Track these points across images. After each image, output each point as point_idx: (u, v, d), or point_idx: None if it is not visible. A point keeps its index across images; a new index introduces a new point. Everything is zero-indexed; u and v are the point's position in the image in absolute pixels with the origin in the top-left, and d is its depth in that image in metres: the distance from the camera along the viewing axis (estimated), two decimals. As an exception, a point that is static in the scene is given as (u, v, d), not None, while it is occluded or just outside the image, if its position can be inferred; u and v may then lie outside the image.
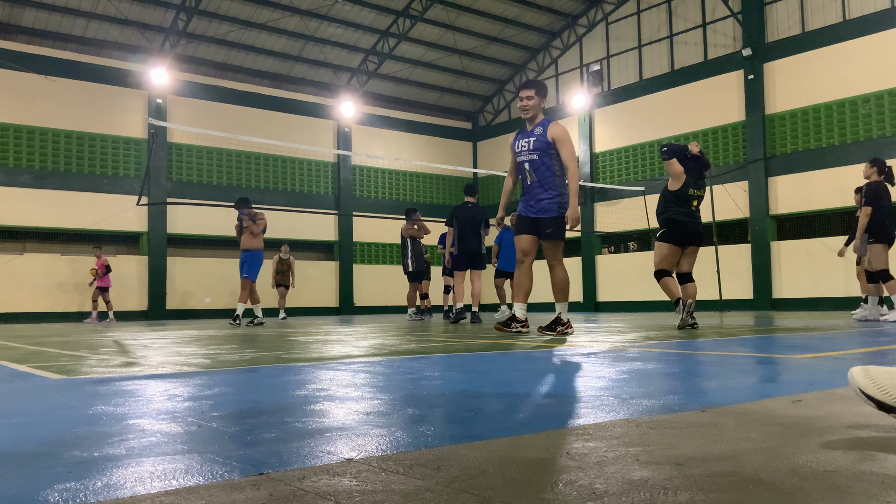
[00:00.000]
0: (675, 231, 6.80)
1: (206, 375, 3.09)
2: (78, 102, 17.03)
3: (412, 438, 1.56)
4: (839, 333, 5.63)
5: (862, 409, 1.79)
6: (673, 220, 6.82)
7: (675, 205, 6.83)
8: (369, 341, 5.43)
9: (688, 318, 6.53)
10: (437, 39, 20.89)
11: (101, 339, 6.58)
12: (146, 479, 1.23)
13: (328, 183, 21.00)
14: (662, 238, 6.84)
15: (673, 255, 6.81)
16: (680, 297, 6.63)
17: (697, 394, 2.22)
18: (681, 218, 6.81)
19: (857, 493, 1.05)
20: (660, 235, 6.88)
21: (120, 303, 17.24)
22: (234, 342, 5.67)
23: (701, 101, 18.13)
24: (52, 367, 3.58)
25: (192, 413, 1.98)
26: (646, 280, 19.30)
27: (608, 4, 20.59)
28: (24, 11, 16.60)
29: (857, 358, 3.37)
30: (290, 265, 16.04)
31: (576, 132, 21.07)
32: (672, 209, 6.84)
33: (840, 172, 15.50)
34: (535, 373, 2.91)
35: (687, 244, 6.83)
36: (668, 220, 6.84)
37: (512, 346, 4.62)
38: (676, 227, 6.79)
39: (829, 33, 15.95)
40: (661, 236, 6.86)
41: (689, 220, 6.82)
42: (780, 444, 1.41)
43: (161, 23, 17.95)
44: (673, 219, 6.82)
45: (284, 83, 20.67)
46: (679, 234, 6.79)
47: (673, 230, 6.80)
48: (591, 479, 1.17)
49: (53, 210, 16.55)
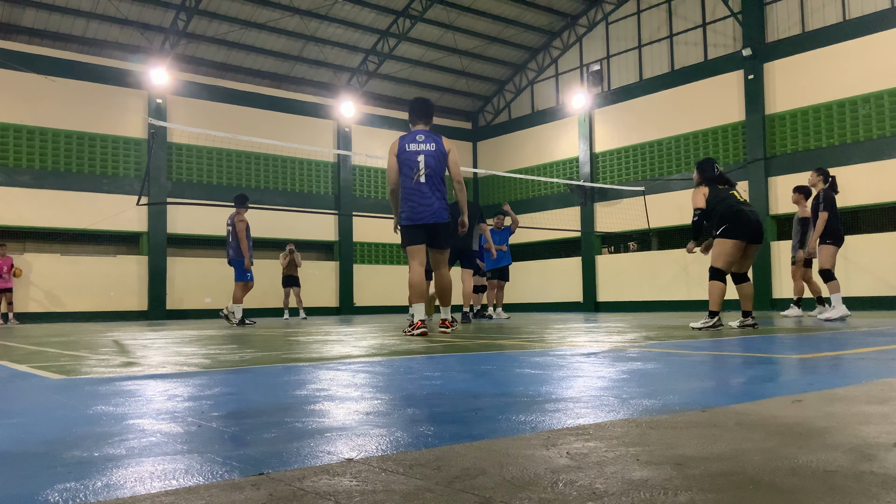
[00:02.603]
0: (740, 225, 6.16)
1: (206, 375, 3.09)
2: (78, 102, 17.03)
3: (412, 438, 1.56)
4: (839, 333, 5.62)
5: (862, 409, 1.79)
6: (736, 211, 6.18)
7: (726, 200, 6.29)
8: (369, 341, 5.43)
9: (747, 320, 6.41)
10: (437, 39, 20.89)
11: (101, 340, 6.57)
12: (146, 479, 1.23)
13: (328, 183, 21.00)
14: (726, 234, 6.21)
15: (738, 253, 6.26)
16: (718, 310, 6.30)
17: (697, 394, 2.22)
18: (745, 208, 6.26)
19: (857, 493, 1.05)
20: (722, 231, 6.24)
21: (120, 303, 17.25)
22: (234, 342, 5.67)
23: (701, 101, 18.13)
24: (52, 367, 3.58)
25: (192, 413, 1.98)
26: (646, 280, 19.39)
27: (608, 4, 20.59)
28: (24, 11, 16.59)
29: (858, 358, 3.37)
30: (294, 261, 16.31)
31: (576, 132, 21.09)
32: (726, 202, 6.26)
33: (840, 172, 15.42)
34: (534, 373, 2.91)
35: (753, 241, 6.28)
36: (731, 213, 6.19)
37: (512, 347, 4.62)
38: (742, 220, 6.16)
39: (829, 33, 15.95)
40: (725, 232, 6.22)
41: (750, 212, 6.29)
42: (780, 444, 1.41)
43: (161, 23, 17.95)
44: (736, 210, 6.18)
45: (284, 83, 20.67)
46: (746, 228, 6.19)
47: (738, 224, 6.15)
48: (591, 479, 1.17)
49: (53, 210, 16.55)
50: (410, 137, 6.08)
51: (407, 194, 6.02)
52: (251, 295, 11.11)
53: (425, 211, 5.98)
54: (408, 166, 6.00)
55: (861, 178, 15.17)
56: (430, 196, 5.98)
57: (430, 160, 6.00)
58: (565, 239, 20.81)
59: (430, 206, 5.98)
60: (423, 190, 5.97)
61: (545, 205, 21.67)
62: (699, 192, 6.52)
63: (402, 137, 6.13)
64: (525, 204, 22.38)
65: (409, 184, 6.00)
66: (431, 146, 6.02)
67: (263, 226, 18.52)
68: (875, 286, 14.83)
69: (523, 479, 1.17)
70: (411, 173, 5.99)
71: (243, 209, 10.60)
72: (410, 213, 6.01)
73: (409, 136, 6.10)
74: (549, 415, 1.85)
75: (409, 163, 6.00)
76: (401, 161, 6.03)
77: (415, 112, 6.20)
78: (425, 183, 5.97)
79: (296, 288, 16.36)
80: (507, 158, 23.05)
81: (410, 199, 6.00)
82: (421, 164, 5.96)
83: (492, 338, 5.79)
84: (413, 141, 6.04)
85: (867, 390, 2.18)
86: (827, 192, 8.57)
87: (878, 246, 14.88)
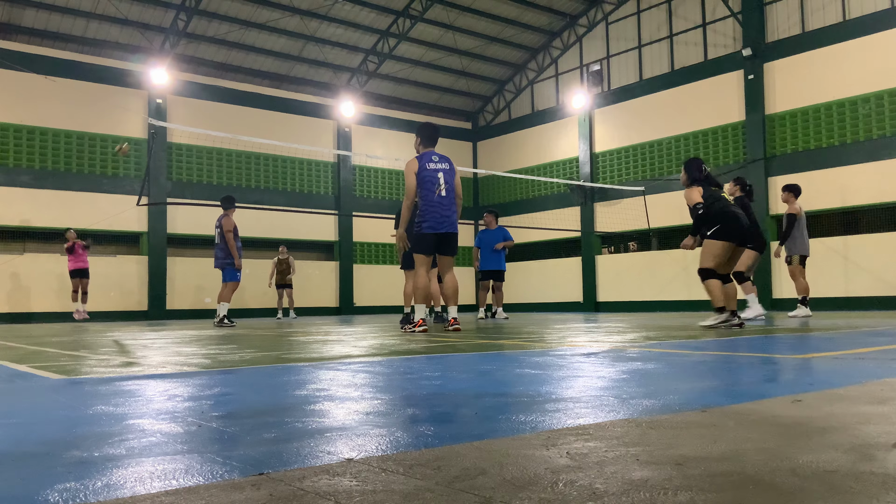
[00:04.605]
0: (729, 226, 6.26)
1: (206, 375, 3.09)
2: (78, 102, 17.02)
3: (412, 438, 1.56)
4: (839, 333, 5.62)
5: (862, 410, 1.79)
6: (726, 212, 6.28)
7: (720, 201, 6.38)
8: (369, 341, 5.43)
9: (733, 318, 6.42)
10: (437, 39, 20.88)
11: (101, 340, 6.57)
12: (146, 479, 1.23)
13: (328, 183, 20.99)
14: (716, 236, 6.31)
15: (726, 255, 6.36)
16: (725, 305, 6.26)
17: (697, 394, 2.22)
18: (735, 210, 6.36)
19: (857, 493, 1.05)
20: (713, 233, 6.34)
21: (120, 303, 17.25)
22: (234, 342, 5.67)
23: (701, 101, 18.13)
24: (52, 367, 3.58)
25: (192, 413, 1.98)
26: (646, 280, 19.39)
27: (608, 4, 20.58)
28: (24, 11, 16.59)
29: (858, 358, 3.37)
30: (289, 265, 16.72)
31: (576, 132, 21.08)
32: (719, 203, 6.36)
33: (840, 172, 15.50)
34: (535, 373, 2.91)
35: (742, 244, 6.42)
36: (724, 214, 6.28)
37: (512, 347, 4.62)
38: (731, 222, 6.27)
39: (829, 33, 15.95)
40: (717, 233, 6.32)
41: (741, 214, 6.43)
42: (780, 444, 1.41)
43: (161, 23, 17.95)
44: (726, 211, 6.28)
45: (284, 83, 20.67)
46: (737, 230, 6.31)
47: (727, 225, 6.26)
48: (591, 479, 1.17)
49: (53, 210, 16.54)
50: (427, 157, 6.79)
51: (431, 207, 6.69)
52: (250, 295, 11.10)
53: (446, 221, 6.70)
54: (430, 182, 6.71)
55: (861, 178, 15.17)
56: (450, 208, 6.74)
57: (448, 177, 6.77)
58: (565, 239, 20.81)
59: (450, 217, 6.72)
60: (445, 203, 6.71)
61: (545, 205, 21.68)
62: (694, 190, 6.63)
63: (420, 157, 6.81)
64: (525, 204, 22.39)
65: (431, 198, 6.69)
66: (446, 165, 6.82)
67: (263, 226, 18.54)
68: (875, 286, 14.83)
69: (523, 479, 1.17)
70: (433, 188, 6.68)
71: (231, 210, 10.68)
72: (434, 223, 6.68)
73: (426, 156, 6.80)
74: (549, 415, 1.85)
75: (432, 179, 6.71)
76: (422, 178, 6.72)
77: (425, 136, 6.95)
78: (446, 196, 6.70)
79: (289, 289, 16.86)
80: (507, 158, 23.05)
81: (434, 211, 6.67)
82: (441, 181, 6.66)
83: (492, 338, 5.79)
84: (430, 161, 6.78)
85: (867, 390, 2.18)
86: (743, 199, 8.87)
87: (878, 246, 14.87)
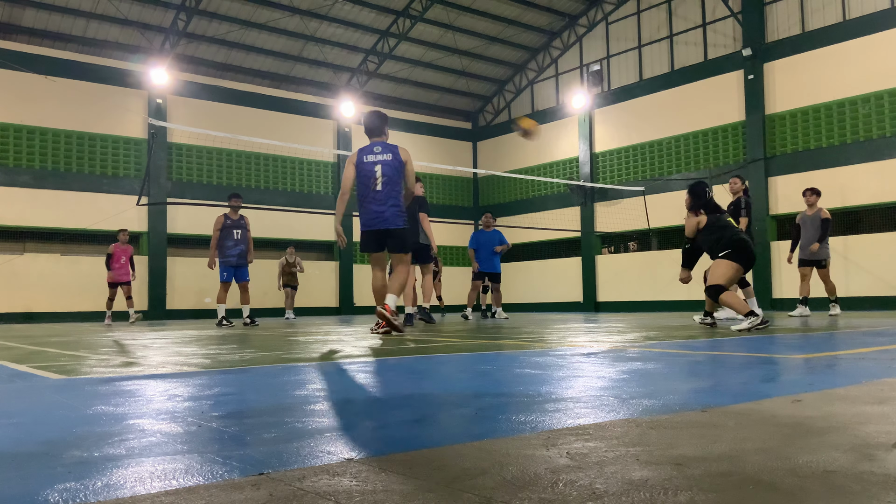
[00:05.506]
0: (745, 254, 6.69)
1: (206, 375, 3.09)
2: (78, 102, 17.02)
3: (412, 438, 1.56)
4: (839, 333, 5.62)
5: (862, 410, 1.79)
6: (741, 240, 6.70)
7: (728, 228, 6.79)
8: (369, 341, 5.43)
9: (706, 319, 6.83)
10: (437, 39, 20.89)
11: (101, 339, 6.58)
12: (146, 479, 1.23)
13: (328, 183, 20.99)
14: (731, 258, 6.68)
15: (738, 276, 6.73)
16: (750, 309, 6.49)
17: (697, 394, 2.22)
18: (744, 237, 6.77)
19: (857, 493, 1.05)
20: (727, 255, 6.70)
21: (120, 303, 17.22)
22: (234, 342, 5.67)
23: (701, 101, 18.13)
24: (52, 367, 3.58)
25: (192, 413, 1.98)
26: (646, 280, 19.38)
27: (608, 4, 20.58)
28: (24, 11, 16.59)
29: (858, 358, 3.37)
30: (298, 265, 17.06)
31: (576, 132, 21.08)
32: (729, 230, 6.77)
33: (840, 172, 15.50)
34: (534, 373, 2.91)
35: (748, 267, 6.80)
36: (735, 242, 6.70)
37: (511, 347, 4.62)
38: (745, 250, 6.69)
39: (829, 33, 15.95)
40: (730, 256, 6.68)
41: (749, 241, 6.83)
42: (780, 444, 1.41)
43: (161, 23, 17.95)
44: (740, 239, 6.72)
45: (284, 83, 20.67)
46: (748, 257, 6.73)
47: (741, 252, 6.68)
48: (591, 479, 1.17)
49: (53, 210, 16.54)
50: (368, 149, 6.40)
51: (363, 203, 6.35)
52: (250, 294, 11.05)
53: (377, 218, 6.26)
54: (364, 175, 6.29)
55: (861, 178, 15.17)
56: (384, 203, 6.25)
57: (387, 169, 6.28)
58: (565, 239, 20.81)
59: (382, 213, 6.25)
60: (378, 198, 6.25)
61: (545, 205, 21.68)
62: (694, 220, 6.88)
63: (361, 149, 6.44)
64: (525, 204, 22.39)
65: (365, 193, 6.32)
66: (388, 156, 6.32)
67: (263, 226, 18.52)
68: (875, 286, 14.83)
69: (523, 479, 1.17)
70: (368, 182, 6.28)
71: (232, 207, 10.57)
72: (366, 219, 6.35)
73: (366, 148, 6.42)
74: (549, 415, 1.85)
75: (367, 173, 6.29)
76: (358, 171, 6.35)
77: (366, 126, 6.53)
78: (381, 191, 6.26)
79: (293, 290, 17.05)
80: (507, 158, 23.05)
81: (367, 208, 6.32)
82: (378, 174, 6.27)
83: (491, 338, 5.79)
84: (370, 153, 6.35)
85: (867, 390, 2.18)
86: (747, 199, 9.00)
87: (879, 246, 14.87)
